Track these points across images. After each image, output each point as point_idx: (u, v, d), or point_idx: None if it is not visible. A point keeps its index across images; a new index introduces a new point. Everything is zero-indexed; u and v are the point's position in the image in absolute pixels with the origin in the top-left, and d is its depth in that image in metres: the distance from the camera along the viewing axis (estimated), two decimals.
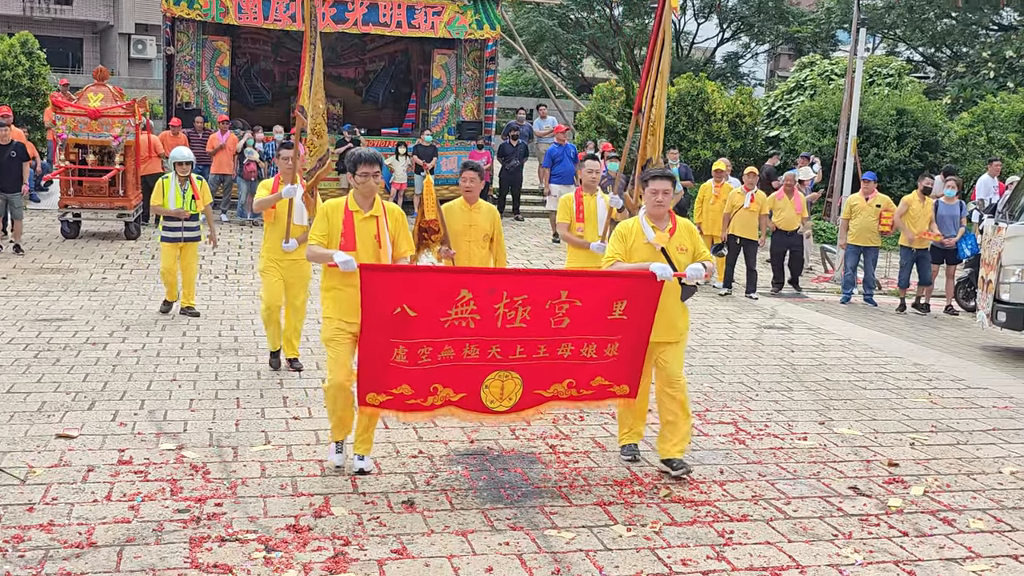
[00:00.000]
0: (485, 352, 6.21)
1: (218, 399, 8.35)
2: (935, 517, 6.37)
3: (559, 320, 6.26)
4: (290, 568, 5.25)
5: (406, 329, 6.02)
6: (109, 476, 6.46)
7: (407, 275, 6.24)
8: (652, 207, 6.71)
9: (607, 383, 6.56)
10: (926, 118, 23.84)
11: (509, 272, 6.91)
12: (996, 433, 8.37)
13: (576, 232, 9.03)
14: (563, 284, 6.35)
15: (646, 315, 6.43)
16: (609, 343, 6.42)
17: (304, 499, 6.22)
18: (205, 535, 5.61)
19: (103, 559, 5.25)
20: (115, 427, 7.48)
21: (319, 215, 6.62)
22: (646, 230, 6.67)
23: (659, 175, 6.73)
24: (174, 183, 11.70)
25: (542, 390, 6.42)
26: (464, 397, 6.28)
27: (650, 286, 6.38)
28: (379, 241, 6.55)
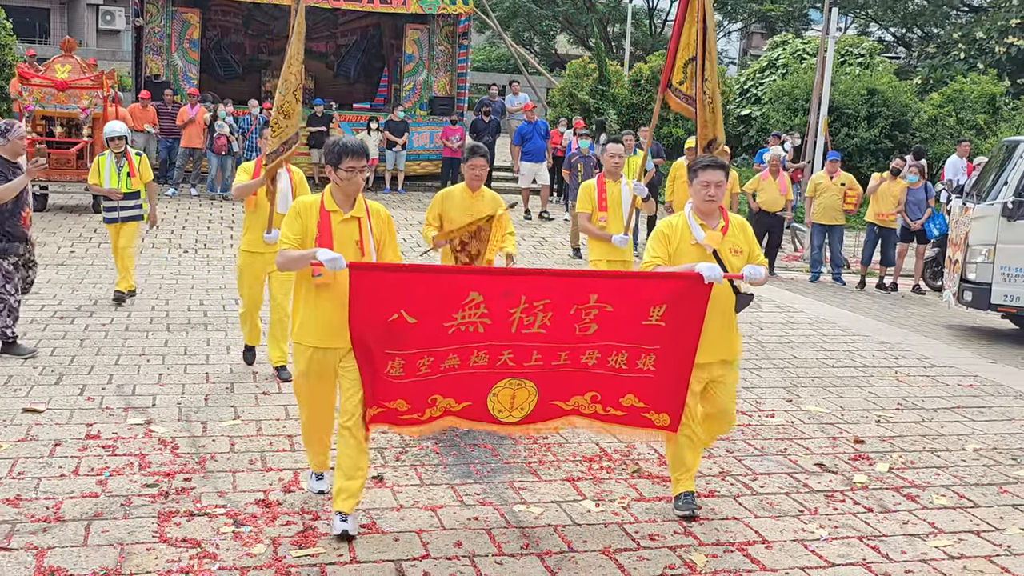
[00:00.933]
0: (495, 358, 5.29)
1: (187, 374, 8.32)
2: (899, 493, 6.45)
3: (585, 326, 5.31)
4: (259, 543, 5.25)
5: (404, 339, 5.12)
6: (76, 450, 6.43)
7: (405, 275, 5.23)
8: (701, 201, 5.69)
9: (641, 406, 5.53)
10: (896, 98, 23.96)
11: (528, 273, 5.62)
12: (960, 411, 8.47)
13: (598, 223, 8.27)
14: (593, 287, 5.35)
15: (690, 324, 5.40)
16: (643, 353, 5.43)
17: (273, 474, 6.22)
18: (173, 509, 5.60)
19: (70, 533, 5.24)
20: (83, 401, 7.44)
21: (290, 214, 5.42)
22: (694, 228, 5.66)
23: (710, 164, 5.73)
24: (109, 160, 10.86)
25: (561, 401, 5.48)
26: (467, 407, 5.41)
27: (696, 289, 5.37)
28: (361, 247, 5.37)
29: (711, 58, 7.33)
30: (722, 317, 5.59)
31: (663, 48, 30.80)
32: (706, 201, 5.67)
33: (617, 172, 8.40)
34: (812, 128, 19.48)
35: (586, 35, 40.68)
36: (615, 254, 8.18)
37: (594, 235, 8.35)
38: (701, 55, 7.32)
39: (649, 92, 24.42)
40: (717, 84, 7.47)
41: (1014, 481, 6.81)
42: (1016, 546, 5.73)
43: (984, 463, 7.16)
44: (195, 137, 19.20)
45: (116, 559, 4.98)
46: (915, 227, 15.09)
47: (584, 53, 35.66)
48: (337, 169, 5.32)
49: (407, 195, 21.06)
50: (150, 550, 5.09)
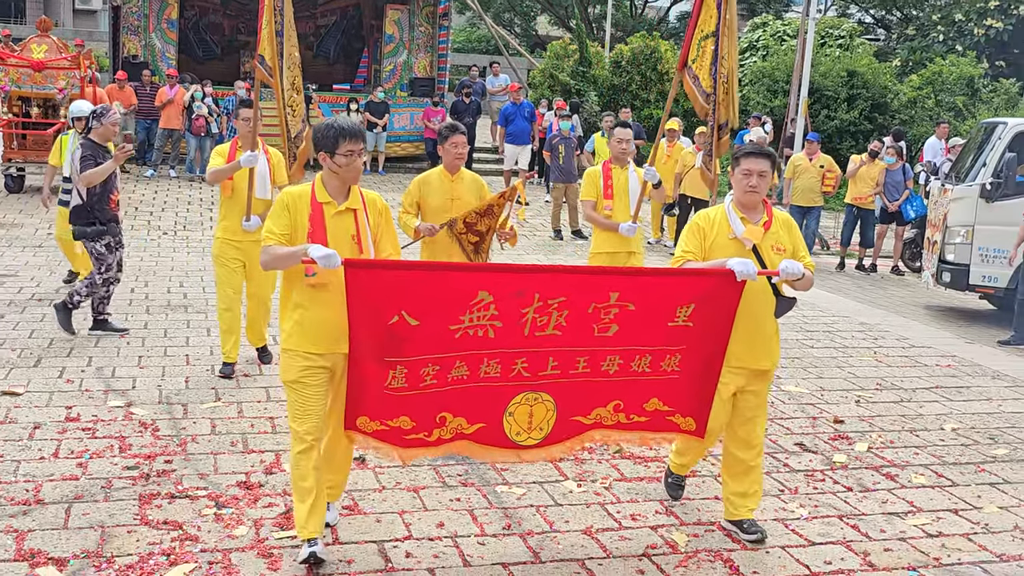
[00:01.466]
0: (508, 368, 4.71)
1: (167, 356, 8.28)
2: (878, 472, 6.49)
3: (604, 327, 4.77)
4: (241, 524, 5.23)
5: (405, 343, 4.53)
6: (56, 433, 6.39)
7: (407, 273, 4.66)
8: (743, 193, 5.15)
9: (666, 409, 5.05)
10: (876, 80, 24.03)
11: (543, 269, 5.01)
12: (939, 391, 8.53)
13: (604, 211, 7.78)
14: (614, 284, 4.81)
15: (720, 325, 4.93)
16: (668, 355, 4.94)
17: (255, 456, 6.20)
18: (155, 492, 5.57)
19: (51, 516, 5.21)
20: (62, 384, 7.39)
21: (277, 207, 4.79)
22: (733, 222, 5.13)
23: (752, 152, 5.21)
24: (72, 141, 10.14)
25: (581, 416, 4.94)
26: (481, 428, 4.80)
27: (727, 288, 4.86)
28: (358, 242, 4.79)
29: (730, 35, 6.85)
30: (758, 321, 5.10)
31: (644, 29, 30.75)
32: (747, 192, 5.13)
33: (625, 158, 7.91)
34: (792, 110, 19.52)
35: (567, 16, 40.59)
36: (621, 244, 7.75)
37: (600, 224, 7.85)
38: (719, 32, 6.82)
39: (630, 74, 24.39)
40: (736, 64, 7.03)
41: (991, 460, 6.87)
42: (993, 524, 5.78)
43: (962, 442, 7.21)
44: (174, 118, 19.06)
45: (97, 541, 4.95)
46: (892, 208, 15.16)
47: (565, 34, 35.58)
48: (334, 155, 4.72)
49: (388, 176, 20.98)
50: (131, 532, 5.07)
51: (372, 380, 4.57)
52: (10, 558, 4.74)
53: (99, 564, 4.73)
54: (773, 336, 5.25)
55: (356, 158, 4.77)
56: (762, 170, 5.10)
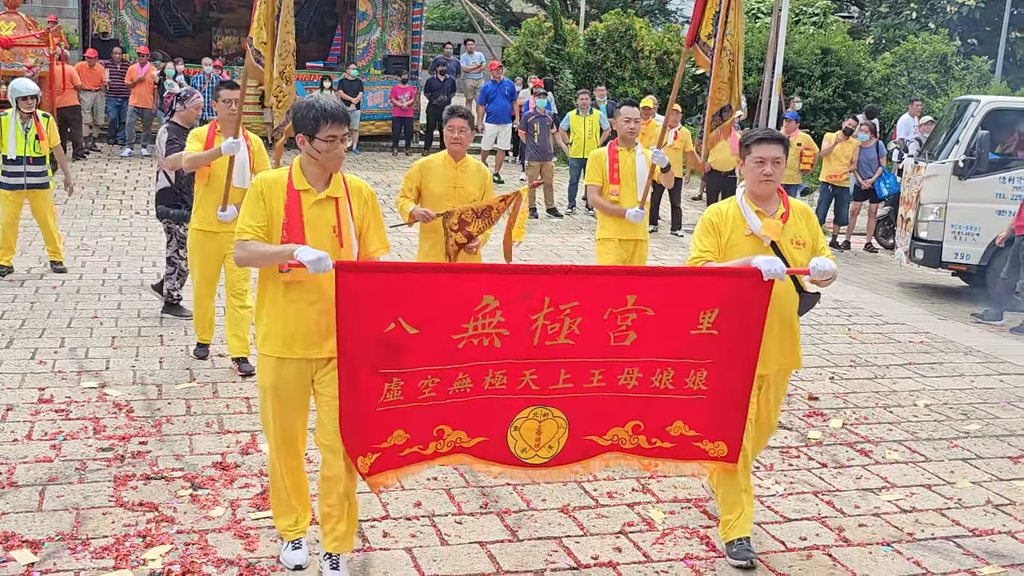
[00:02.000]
0: (516, 380, 4.27)
1: (141, 336, 8.22)
2: (853, 449, 6.54)
3: (622, 335, 4.31)
4: (217, 505, 5.22)
5: (402, 354, 4.10)
6: (29, 415, 6.34)
7: (404, 276, 4.21)
8: (756, 182, 4.76)
9: (693, 434, 4.54)
10: (850, 58, 24.08)
11: (553, 270, 4.42)
12: (912, 367, 8.59)
13: (610, 196, 7.41)
14: (631, 287, 4.34)
15: (750, 332, 4.47)
16: (694, 369, 4.44)
17: (231, 436, 6.17)
18: (130, 473, 5.55)
19: (24, 499, 5.17)
20: (34, 365, 7.33)
21: (251, 197, 4.31)
22: (748, 216, 4.73)
23: (765, 137, 4.76)
24: (14, 121, 9.94)
25: (596, 435, 4.45)
26: (482, 443, 4.36)
27: (754, 289, 4.43)
28: (339, 235, 4.30)
29: (737, 9, 6.48)
30: (781, 320, 4.73)
31: (619, 7, 30.66)
32: (762, 182, 4.73)
33: (632, 139, 7.51)
34: (767, 87, 19.53)
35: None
36: (628, 231, 7.40)
37: (606, 210, 7.45)
38: (727, 5, 6.47)
39: (604, 51, 24.34)
40: (742, 41, 6.64)
41: (964, 435, 6.94)
42: (966, 499, 5.84)
43: (935, 418, 7.27)
44: (145, 97, 18.85)
45: (72, 524, 4.92)
46: (866, 186, 15.24)
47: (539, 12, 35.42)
48: (313, 139, 4.22)
49: (362, 155, 20.88)
50: (106, 514, 5.04)
51: (363, 398, 4.14)
52: None
53: (74, 547, 4.70)
54: (796, 335, 4.90)
55: (338, 144, 4.26)
56: (776, 156, 4.71)
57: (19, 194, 10.09)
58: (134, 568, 4.53)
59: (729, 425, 4.57)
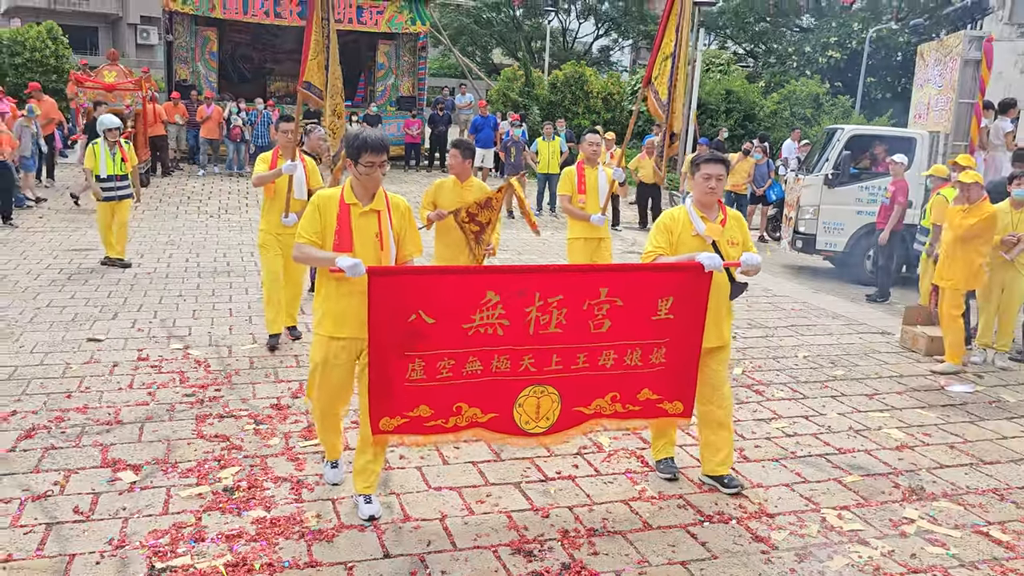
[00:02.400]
0: (517, 364, 4.18)
1: (215, 310, 8.15)
2: (750, 390, 6.56)
3: (599, 323, 4.25)
4: (274, 436, 5.19)
5: (423, 339, 4.01)
6: (131, 370, 6.28)
7: (423, 277, 4.11)
8: (703, 194, 4.64)
9: (656, 397, 4.50)
10: (747, 97, 24.04)
11: (541, 269, 4.45)
12: (794, 328, 8.63)
13: (578, 204, 7.20)
14: (602, 281, 4.26)
15: (695, 314, 4.43)
16: (655, 348, 4.39)
17: (284, 384, 6.14)
18: (208, 413, 5.51)
19: (128, 433, 5.13)
20: (134, 332, 7.26)
21: (310, 209, 4.24)
22: (695, 221, 4.62)
23: (711, 158, 4.66)
24: (104, 148, 9.72)
25: (583, 407, 4.39)
26: (494, 418, 4.24)
27: (698, 280, 4.40)
28: (381, 241, 4.21)
29: (682, 55, 6.34)
30: (718, 305, 4.61)
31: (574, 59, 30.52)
32: (707, 193, 4.63)
33: (595, 159, 7.29)
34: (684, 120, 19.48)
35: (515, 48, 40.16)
36: (593, 231, 7.21)
37: (575, 215, 7.23)
38: (676, 54, 6.27)
39: (563, 92, 24.24)
40: (684, 78, 6.46)
41: (832, 379, 6.97)
42: (834, 426, 5.87)
43: (811, 366, 7.31)
44: (213, 129, 18.67)
45: (164, 451, 4.90)
46: (759, 193, 15.27)
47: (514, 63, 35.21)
48: (356, 164, 4.14)
49: None
50: (190, 444, 5.02)
51: (393, 375, 4.01)
52: (98, 465, 4.67)
53: (166, 468, 4.68)
54: (726, 317, 4.75)
55: (376, 168, 4.13)
56: (719, 174, 4.61)
57: (111, 204, 9.78)
58: (211, 484, 4.51)
59: (683, 388, 4.51)
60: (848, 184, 11.64)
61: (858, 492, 4.83)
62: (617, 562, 3.94)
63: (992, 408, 6.43)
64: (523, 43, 36.76)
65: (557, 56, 39.12)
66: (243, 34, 23.52)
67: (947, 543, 4.28)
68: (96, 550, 3.81)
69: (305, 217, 4.22)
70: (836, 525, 4.40)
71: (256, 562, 3.76)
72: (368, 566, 3.80)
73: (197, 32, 20.84)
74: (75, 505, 4.20)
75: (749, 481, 4.88)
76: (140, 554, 3.78)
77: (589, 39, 44.31)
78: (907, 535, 4.34)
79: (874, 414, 6.16)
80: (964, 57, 10.64)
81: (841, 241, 11.74)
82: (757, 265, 4.48)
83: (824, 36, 30.06)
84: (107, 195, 9.79)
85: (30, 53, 21.03)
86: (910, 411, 6.27)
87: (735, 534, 4.26)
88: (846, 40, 29.34)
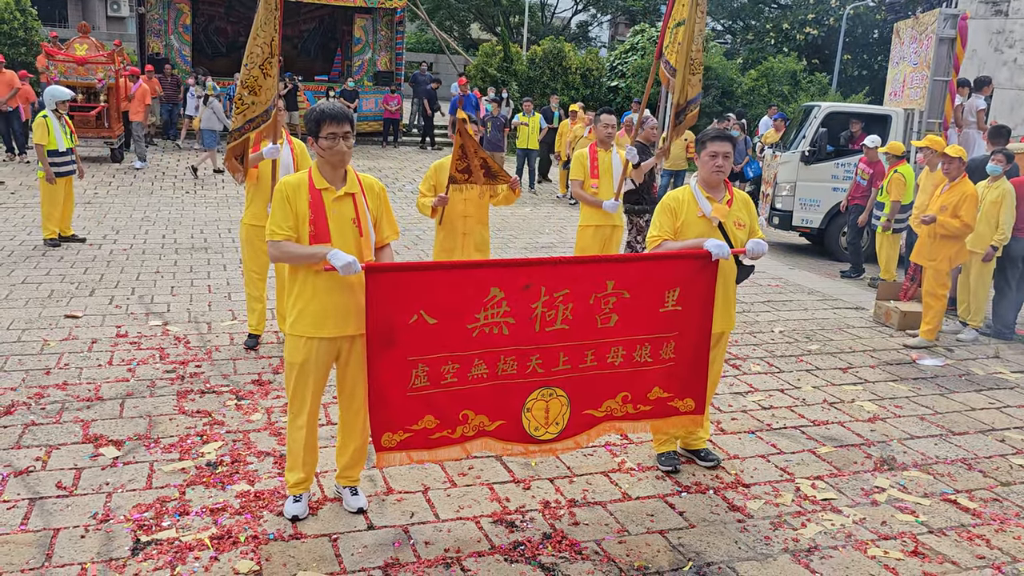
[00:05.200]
0: (524, 365, 3.91)
1: (193, 286, 8.12)
2: (728, 364, 6.63)
3: (606, 317, 4.01)
4: (256, 411, 5.22)
5: (425, 342, 3.70)
6: (110, 347, 6.27)
7: (424, 274, 3.76)
8: (709, 173, 4.43)
9: (666, 395, 4.24)
10: (725, 73, 24.13)
11: (546, 263, 4.03)
12: (770, 304, 8.74)
13: (591, 189, 6.78)
14: (608, 273, 4.01)
15: (704, 305, 4.21)
16: (665, 342, 4.16)
17: (264, 360, 6.16)
18: (189, 389, 5.52)
19: (108, 409, 5.14)
20: (112, 309, 7.23)
21: (277, 200, 3.75)
22: (700, 201, 4.43)
23: (718, 136, 4.42)
24: (55, 121, 9.34)
25: (593, 409, 4.13)
26: (502, 425, 3.95)
27: (705, 268, 4.19)
28: (360, 226, 3.80)
29: (701, 22, 5.92)
30: (724, 290, 4.44)
31: (554, 34, 30.40)
32: (713, 172, 4.41)
33: (610, 141, 6.86)
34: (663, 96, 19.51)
35: (494, 24, 39.90)
36: (605, 218, 6.80)
37: (586, 201, 6.82)
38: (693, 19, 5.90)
39: (542, 68, 24.17)
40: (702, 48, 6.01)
41: (807, 353, 7.09)
42: (809, 399, 5.98)
43: (787, 341, 7.42)
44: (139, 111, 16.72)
45: (146, 427, 4.91)
46: (737, 170, 15.34)
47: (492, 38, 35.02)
48: (318, 138, 3.75)
49: (357, 148, 20.58)
50: (172, 420, 5.03)
51: (395, 384, 3.70)
52: (79, 440, 4.68)
53: (148, 444, 4.69)
54: (732, 302, 4.59)
55: (339, 140, 3.74)
56: (727, 151, 4.40)
57: (64, 180, 9.47)
58: (194, 459, 4.53)
59: (694, 383, 4.29)
60: (824, 161, 11.73)
61: (831, 462, 4.94)
62: (597, 532, 4.02)
63: (962, 381, 6.58)
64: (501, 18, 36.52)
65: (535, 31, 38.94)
66: (217, 7, 23.20)
67: (916, 511, 4.40)
68: (80, 524, 3.83)
69: (275, 210, 3.76)
70: (810, 494, 4.51)
71: (241, 535, 3.80)
72: (352, 538, 3.85)
73: (170, 4, 20.55)
74: (58, 480, 4.22)
75: (726, 453, 4.98)
76: (125, 528, 3.81)
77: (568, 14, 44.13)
78: (878, 503, 4.46)
79: (847, 387, 6.28)
80: (939, 35, 10.75)
81: (817, 217, 11.87)
82: (763, 251, 4.33)
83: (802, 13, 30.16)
84: (64, 170, 9.46)
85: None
86: (882, 384, 6.40)
87: (712, 504, 4.36)
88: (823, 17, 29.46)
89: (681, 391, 4.26)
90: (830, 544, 4.02)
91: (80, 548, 3.64)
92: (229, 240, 10.22)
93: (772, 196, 12.30)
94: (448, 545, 3.83)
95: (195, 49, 21.59)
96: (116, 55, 16.09)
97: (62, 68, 15.57)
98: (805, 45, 29.12)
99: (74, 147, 9.67)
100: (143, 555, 3.61)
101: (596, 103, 23.23)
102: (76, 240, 9.67)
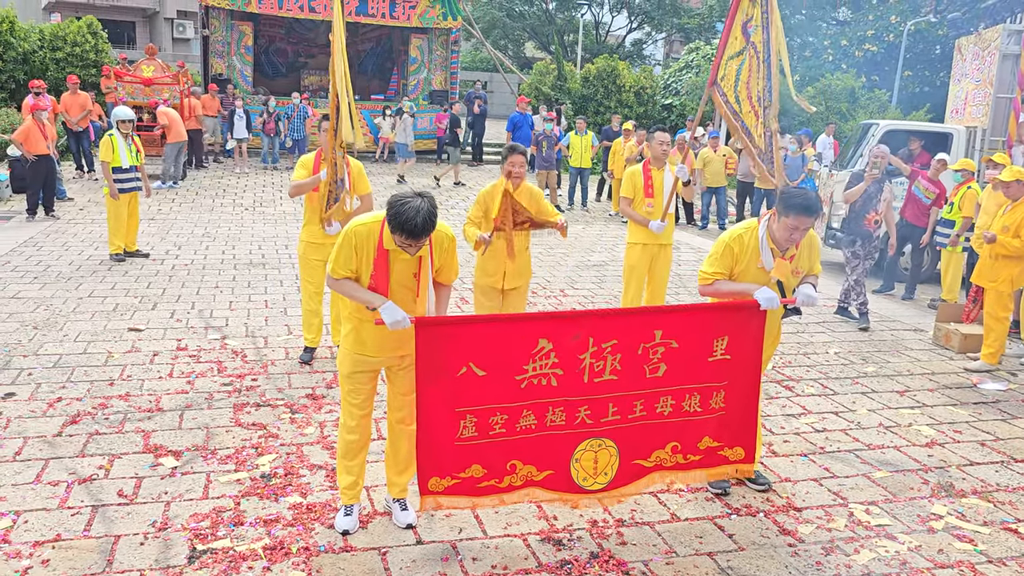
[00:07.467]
0: (573, 416, 3.89)
1: (251, 301, 8.31)
2: (780, 385, 6.58)
3: (654, 367, 3.98)
4: (309, 425, 5.32)
5: (474, 393, 3.73)
6: (170, 359, 6.45)
7: (472, 327, 3.80)
8: (784, 239, 4.27)
9: (716, 444, 4.20)
10: (781, 90, 23.86)
11: (594, 314, 4.01)
12: (826, 324, 8.60)
13: (644, 209, 6.72)
14: (656, 323, 3.99)
15: (753, 353, 4.18)
16: (714, 392, 4.13)
17: (319, 375, 6.27)
18: (245, 402, 5.65)
19: (168, 420, 5.29)
20: (173, 322, 7.44)
21: (344, 243, 3.78)
22: (764, 254, 4.31)
23: (804, 210, 4.16)
24: (120, 139, 9.60)
25: (642, 459, 4.08)
26: (550, 475, 3.92)
27: (754, 318, 4.17)
28: (418, 282, 3.84)
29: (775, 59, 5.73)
30: (770, 328, 4.44)
31: (606, 52, 30.45)
32: (787, 239, 4.27)
33: (663, 159, 6.75)
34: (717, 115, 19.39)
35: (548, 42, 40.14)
36: (653, 237, 6.78)
37: (635, 219, 6.80)
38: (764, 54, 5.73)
39: (595, 87, 24.21)
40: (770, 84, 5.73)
41: (863, 375, 6.96)
42: (864, 422, 5.88)
43: (842, 363, 7.30)
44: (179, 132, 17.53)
45: (203, 438, 5.04)
46: (792, 185, 15.12)
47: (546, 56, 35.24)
48: (393, 234, 3.65)
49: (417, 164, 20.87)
50: (228, 432, 5.16)
51: (443, 433, 3.74)
52: (140, 450, 4.82)
53: (205, 455, 4.82)
54: (774, 341, 4.62)
55: (411, 249, 3.67)
56: (808, 227, 4.23)
57: (128, 196, 9.72)
58: (249, 471, 4.64)
59: (744, 432, 4.26)
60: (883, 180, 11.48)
61: (886, 488, 4.84)
62: (645, 552, 4.01)
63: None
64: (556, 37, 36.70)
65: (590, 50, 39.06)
66: (277, 28, 23.82)
67: (975, 539, 4.29)
68: (140, 532, 3.95)
69: (338, 252, 3.79)
70: (863, 520, 4.43)
71: (293, 546, 3.88)
72: (401, 552, 3.90)
73: (233, 26, 21.14)
74: (119, 488, 4.36)
75: (777, 475, 4.92)
76: (182, 536, 3.92)
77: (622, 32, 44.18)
78: (935, 531, 4.36)
79: (905, 411, 6.16)
80: (1003, 51, 10.52)
81: None
82: (814, 303, 4.29)
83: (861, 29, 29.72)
84: (128, 187, 9.69)
85: (70, 48, 21.44)
86: (941, 408, 6.25)
87: (762, 527, 4.31)
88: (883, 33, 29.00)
89: (731, 440, 4.23)
90: (884, 571, 3.94)
91: (139, 555, 3.76)
92: (286, 256, 10.44)
93: (828, 215, 12.11)
94: (495, 562, 3.85)
95: (256, 69, 22.17)
96: (180, 76, 16.61)
97: (129, 89, 16.13)
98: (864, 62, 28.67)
99: (140, 165, 9.93)
100: (199, 563, 3.71)
101: (650, 121, 23.19)
102: (140, 255, 9.97)
